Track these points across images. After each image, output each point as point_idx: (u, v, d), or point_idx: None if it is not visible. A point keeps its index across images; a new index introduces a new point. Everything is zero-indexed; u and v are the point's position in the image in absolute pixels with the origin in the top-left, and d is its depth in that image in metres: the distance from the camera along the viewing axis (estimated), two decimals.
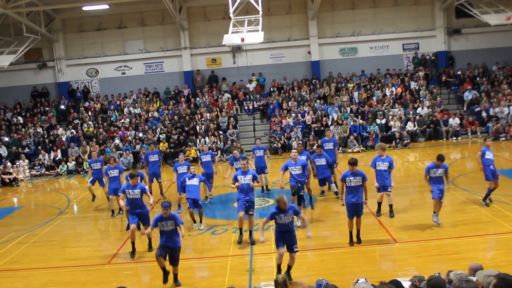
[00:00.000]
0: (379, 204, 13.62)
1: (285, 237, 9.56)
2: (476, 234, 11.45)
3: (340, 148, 24.56)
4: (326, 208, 14.88)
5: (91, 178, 16.77)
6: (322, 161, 14.74)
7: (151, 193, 16.36)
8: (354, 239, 11.46)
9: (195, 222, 13.45)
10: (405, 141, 24.71)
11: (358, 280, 6.36)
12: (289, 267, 9.63)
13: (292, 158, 13.29)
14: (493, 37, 29.29)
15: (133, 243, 11.66)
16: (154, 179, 17.06)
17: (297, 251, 9.58)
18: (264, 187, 16.79)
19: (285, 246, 9.56)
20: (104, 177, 15.62)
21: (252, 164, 16.16)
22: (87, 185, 17.01)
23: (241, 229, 12.05)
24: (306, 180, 13.46)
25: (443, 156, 12.24)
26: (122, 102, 29.76)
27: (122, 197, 11.90)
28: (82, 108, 29.24)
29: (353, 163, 11.27)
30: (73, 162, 24.80)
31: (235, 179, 12.14)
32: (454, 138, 25.64)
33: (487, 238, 11.28)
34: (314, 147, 15.49)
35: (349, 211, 11.27)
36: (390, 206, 13.40)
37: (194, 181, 13.21)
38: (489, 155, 13.19)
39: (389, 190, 13.17)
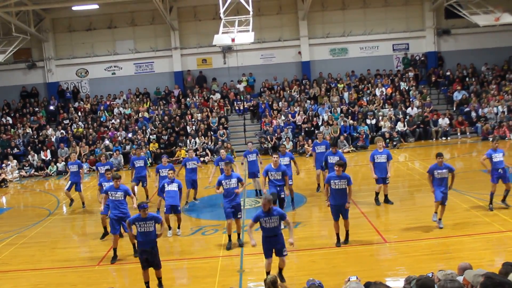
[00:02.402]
0: (377, 193, 14.46)
1: (272, 242, 9.38)
2: (465, 234, 11.51)
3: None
4: (316, 208, 14.90)
5: (68, 183, 16.77)
6: (335, 159, 14.64)
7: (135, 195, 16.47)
8: (342, 238, 11.50)
9: (170, 228, 13.11)
10: (395, 142, 24.82)
11: (349, 278, 6.36)
12: (280, 269, 9.55)
13: (272, 163, 13.02)
14: (482, 38, 29.49)
15: (115, 250, 11.61)
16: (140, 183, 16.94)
17: (286, 254, 9.47)
18: (258, 191, 16.59)
19: (274, 251, 9.40)
20: (95, 172, 15.88)
21: (246, 168, 16.14)
22: (64, 191, 16.97)
23: (230, 236, 11.87)
24: (285, 184, 13.09)
25: (441, 153, 12.12)
26: (112, 103, 29.63)
27: (105, 198, 11.86)
28: (72, 109, 29.12)
29: (340, 165, 11.33)
30: (63, 163, 24.62)
31: (219, 184, 11.82)
32: (443, 138, 25.79)
33: (476, 237, 11.34)
34: (331, 148, 15.29)
35: (333, 214, 11.32)
36: (386, 195, 14.47)
37: (173, 187, 12.84)
38: (496, 158, 12.92)
39: (387, 182, 14.21)
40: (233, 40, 19.20)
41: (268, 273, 9.37)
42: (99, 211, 15.57)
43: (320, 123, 26.73)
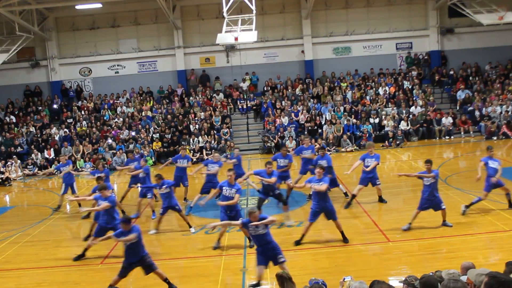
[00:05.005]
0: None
1: (266, 252, 9.15)
2: (469, 233, 11.51)
3: (334, 147, 24.70)
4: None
5: (63, 187, 16.66)
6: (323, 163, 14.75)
7: (123, 197, 16.79)
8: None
9: (156, 229, 13.37)
10: (398, 141, 24.78)
11: (344, 278, 6.36)
12: None
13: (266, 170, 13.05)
14: (485, 37, 29.43)
15: (86, 249, 11.81)
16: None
17: (284, 261, 9.14)
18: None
19: (270, 262, 9.15)
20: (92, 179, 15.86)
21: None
22: (60, 195, 16.90)
23: (219, 239, 11.87)
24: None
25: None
26: (115, 101, 29.67)
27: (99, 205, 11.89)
28: (75, 107, 29.14)
29: (321, 167, 11.61)
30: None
31: (220, 188, 11.87)
32: (447, 137, 25.74)
33: (479, 236, 11.33)
34: (320, 152, 15.52)
35: (313, 215, 11.53)
36: (351, 196, 14.76)
37: (163, 190, 13.10)
38: (493, 164, 12.79)
39: (378, 183, 14.53)
40: (236, 39, 19.19)
41: (258, 283, 9.19)
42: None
43: (323, 122, 26.71)
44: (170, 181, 13.74)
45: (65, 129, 27.34)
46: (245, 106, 29.16)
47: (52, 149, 25.76)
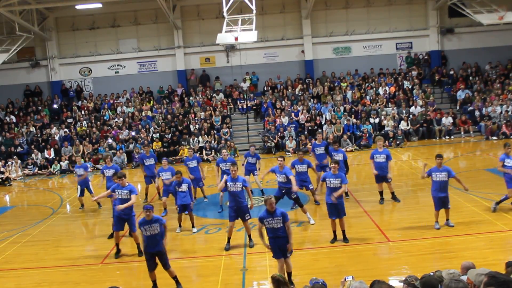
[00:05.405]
0: (381, 193, 14.65)
1: (277, 243, 9.18)
2: (468, 233, 11.50)
3: None
4: (319, 206, 14.86)
5: (78, 189, 16.63)
6: (339, 156, 14.79)
7: (146, 195, 16.73)
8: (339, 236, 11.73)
9: (180, 226, 13.33)
10: (398, 141, 24.77)
11: (345, 278, 6.36)
12: (289, 274, 9.29)
13: (279, 165, 13.03)
14: (486, 37, 29.42)
15: (117, 244, 11.78)
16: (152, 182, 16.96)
17: (290, 255, 9.26)
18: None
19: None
20: (100, 176, 15.78)
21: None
22: (78, 197, 16.86)
23: (229, 238, 11.80)
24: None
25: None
26: (115, 101, 29.66)
27: (114, 197, 11.83)
28: (75, 107, 29.14)
29: (336, 162, 11.59)
30: (66, 161, 24.68)
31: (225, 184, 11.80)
32: (447, 137, 25.73)
33: (479, 236, 11.33)
34: (334, 145, 15.61)
35: (330, 212, 11.54)
36: (392, 193, 14.65)
37: (183, 188, 12.98)
38: (509, 162, 12.74)
39: (389, 181, 14.33)
40: (236, 39, 19.17)
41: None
42: (102, 209, 15.81)
43: (323, 122, 26.70)
44: (190, 180, 13.68)
45: (65, 129, 27.35)
46: (245, 106, 29.15)
47: (52, 149, 25.76)
